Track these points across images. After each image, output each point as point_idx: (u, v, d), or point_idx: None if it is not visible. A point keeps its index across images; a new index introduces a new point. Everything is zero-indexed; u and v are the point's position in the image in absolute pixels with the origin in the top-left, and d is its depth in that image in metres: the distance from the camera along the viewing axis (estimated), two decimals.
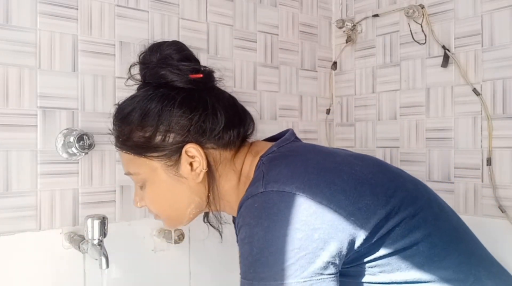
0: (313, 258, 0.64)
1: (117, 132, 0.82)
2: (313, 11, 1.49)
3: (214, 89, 0.84)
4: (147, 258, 1.12)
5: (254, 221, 0.68)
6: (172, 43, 0.83)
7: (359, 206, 0.68)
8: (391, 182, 0.74)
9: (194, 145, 0.77)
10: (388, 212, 0.69)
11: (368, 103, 1.45)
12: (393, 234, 0.69)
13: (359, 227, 0.67)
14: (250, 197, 0.70)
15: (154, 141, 0.78)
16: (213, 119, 0.78)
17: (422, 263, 0.70)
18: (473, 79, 1.21)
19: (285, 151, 0.78)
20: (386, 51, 1.40)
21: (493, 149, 1.17)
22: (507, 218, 1.13)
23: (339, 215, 0.66)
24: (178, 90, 0.79)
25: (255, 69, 1.34)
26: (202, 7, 1.23)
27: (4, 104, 0.95)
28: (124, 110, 0.81)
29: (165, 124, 0.77)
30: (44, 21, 0.99)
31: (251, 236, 0.67)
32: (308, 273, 0.63)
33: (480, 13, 1.19)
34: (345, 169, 0.73)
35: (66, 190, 1.02)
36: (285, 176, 0.70)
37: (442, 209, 0.78)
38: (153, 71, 0.80)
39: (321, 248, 0.64)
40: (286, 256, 0.64)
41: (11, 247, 0.94)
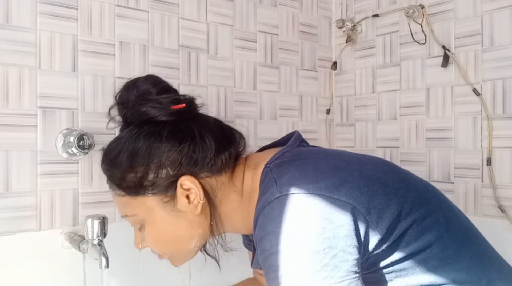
0: (345, 256, 0.63)
1: (109, 176, 0.81)
2: (313, 11, 1.49)
3: (198, 116, 0.82)
4: (147, 258, 1.12)
5: (277, 228, 0.65)
6: (147, 78, 0.81)
7: (373, 204, 0.67)
8: (401, 182, 0.74)
9: (188, 177, 0.76)
10: (400, 213, 0.69)
11: (368, 103, 1.45)
12: (407, 236, 0.69)
13: (373, 225, 0.66)
14: (267, 205, 0.68)
15: (147, 180, 0.76)
16: (203, 147, 0.77)
17: (436, 266, 0.69)
18: (473, 79, 1.21)
19: (291, 156, 0.77)
20: (386, 51, 1.40)
21: (493, 149, 1.17)
22: (507, 218, 1.13)
23: (358, 210, 0.66)
24: (163, 124, 0.77)
25: (255, 69, 1.34)
26: (202, 7, 1.23)
27: (4, 104, 0.95)
28: (111, 153, 0.79)
29: (155, 161, 0.75)
30: (44, 21, 0.99)
31: (277, 244, 0.65)
32: (344, 272, 0.62)
33: (480, 13, 1.19)
34: (356, 167, 0.72)
35: (66, 190, 1.02)
36: (299, 178, 0.69)
37: (452, 210, 0.78)
38: (133, 110, 0.79)
39: (350, 245, 0.64)
40: (318, 257, 0.62)
41: (11, 247, 0.94)
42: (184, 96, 0.81)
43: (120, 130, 0.82)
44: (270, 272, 0.66)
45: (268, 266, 0.67)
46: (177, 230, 0.80)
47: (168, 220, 0.79)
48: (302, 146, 0.84)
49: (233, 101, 1.29)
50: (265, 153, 0.82)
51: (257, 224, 0.70)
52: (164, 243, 0.82)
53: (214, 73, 1.25)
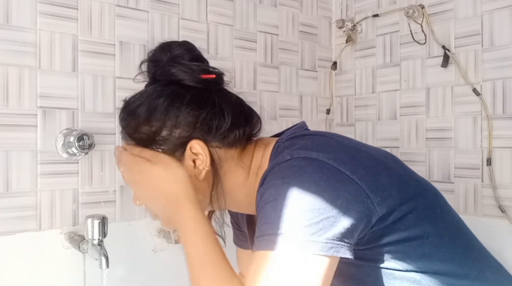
0: (335, 223, 0.64)
1: (124, 125, 0.82)
2: (313, 11, 1.49)
3: (223, 90, 0.85)
4: (147, 258, 1.12)
5: (280, 181, 0.68)
6: (182, 43, 0.84)
7: (378, 184, 0.69)
8: (404, 171, 0.77)
9: (199, 141, 0.77)
10: (402, 197, 0.71)
11: (368, 103, 1.45)
12: (406, 220, 0.70)
13: (376, 203, 0.68)
14: (276, 165, 0.71)
15: (160, 135, 0.78)
16: (220, 118, 0.79)
17: (431, 253, 0.71)
18: (473, 79, 1.21)
19: (303, 133, 0.80)
20: (386, 51, 1.40)
21: (493, 149, 1.17)
22: (507, 218, 1.13)
23: (360, 187, 0.67)
24: (188, 88, 0.80)
25: (255, 69, 1.34)
26: (202, 7, 1.23)
27: (4, 104, 0.95)
28: (132, 104, 0.81)
29: (172, 120, 0.77)
30: (44, 21, 0.99)
31: (277, 194, 0.67)
32: (330, 235, 0.63)
33: (480, 13, 1.19)
34: (364, 149, 0.76)
35: (66, 190, 1.02)
36: (310, 146, 0.72)
37: (446, 204, 0.80)
38: (164, 69, 0.81)
39: (343, 215, 0.65)
40: (311, 214, 0.64)
41: (11, 247, 0.94)
42: (214, 68, 0.84)
43: (145, 86, 0.84)
44: (262, 218, 0.68)
45: (262, 213, 0.68)
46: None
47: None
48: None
49: None
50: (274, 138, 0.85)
51: (264, 182, 0.72)
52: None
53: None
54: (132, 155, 0.80)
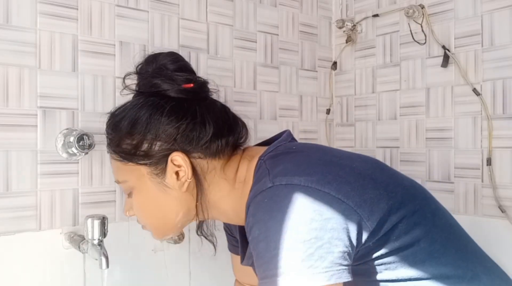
0: (331, 248, 0.64)
1: (109, 139, 0.83)
2: (313, 11, 1.49)
3: (206, 99, 0.84)
4: (147, 258, 1.12)
5: (266, 216, 0.67)
6: (168, 54, 0.84)
7: (364, 198, 0.68)
8: (390, 179, 0.75)
9: (180, 153, 0.77)
10: (390, 207, 0.70)
11: (368, 103, 1.45)
12: (397, 230, 0.70)
13: (365, 218, 0.67)
14: (258, 194, 0.70)
15: (141, 149, 0.78)
16: (201, 128, 0.78)
17: (424, 259, 0.71)
18: (473, 79, 1.21)
19: (284, 149, 0.78)
20: (386, 51, 1.40)
21: (493, 149, 1.17)
22: (507, 218, 1.13)
23: (347, 205, 0.67)
24: (168, 99, 0.79)
25: (255, 69, 1.34)
26: (202, 7, 1.23)
27: (4, 104, 0.95)
28: (116, 118, 0.82)
29: (152, 132, 0.77)
30: (44, 21, 0.99)
31: (266, 231, 0.66)
32: (328, 263, 0.63)
33: (480, 13, 1.19)
34: (347, 163, 0.74)
35: (66, 190, 1.02)
36: (291, 170, 0.70)
37: (437, 207, 0.79)
38: (146, 81, 0.81)
39: (336, 238, 0.64)
40: (304, 246, 0.63)
41: (11, 247, 0.94)
42: (198, 77, 0.83)
43: (132, 98, 0.85)
44: (258, 259, 0.68)
45: (257, 253, 0.68)
46: (162, 203, 0.81)
47: (155, 192, 0.80)
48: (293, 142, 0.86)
49: (233, 101, 1.28)
50: (261, 148, 0.84)
51: (249, 212, 0.71)
52: (148, 213, 0.84)
53: (214, 73, 1.25)
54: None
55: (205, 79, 0.85)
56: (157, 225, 0.85)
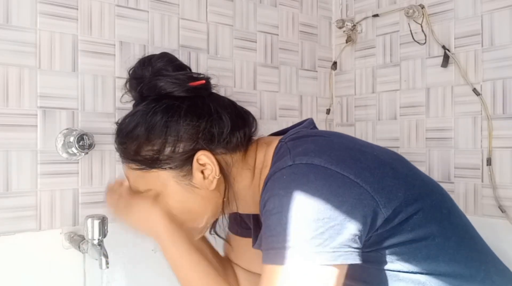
0: (342, 230, 0.64)
1: (123, 149, 0.81)
2: (313, 11, 1.49)
3: (213, 95, 0.84)
4: (147, 258, 1.12)
5: (283, 191, 0.67)
6: (162, 55, 0.82)
7: (383, 185, 0.69)
8: (410, 171, 0.76)
9: (204, 152, 0.77)
10: (407, 198, 0.70)
11: (368, 103, 1.45)
12: (412, 221, 0.70)
13: (381, 205, 0.67)
14: (278, 171, 0.70)
15: (164, 153, 0.77)
16: (220, 123, 0.78)
17: (437, 254, 0.71)
18: (473, 79, 1.21)
19: (306, 133, 0.79)
20: (386, 51, 1.40)
21: (493, 149, 1.17)
22: (507, 218, 1.13)
23: (365, 190, 0.67)
24: (181, 99, 0.78)
25: (255, 69, 1.34)
26: (202, 7, 1.23)
27: (4, 104, 0.95)
28: (128, 126, 0.79)
29: (173, 135, 0.76)
30: (44, 21, 0.99)
31: (280, 205, 0.66)
32: (337, 244, 0.63)
33: (480, 13, 1.19)
34: (368, 150, 0.75)
35: (66, 190, 1.02)
36: (313, 150, 0.70)
37: (453, 205, 0.80)
38: (150, 84, 0.79)
39: (349, 221, 0.64)
40: (316, 224, 0.63)
41: (11, 247, 0.94)
42: (200, 74, 0.83)
43: (134, 106, 0.83)
44: (267, 231, 0.68)
45: (267, 225, 0.68)
46: (190, 205, 0.80)
47: (183, 194, 0.79)
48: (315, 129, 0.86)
49: None
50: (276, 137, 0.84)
51: (266, 187, 0.71)
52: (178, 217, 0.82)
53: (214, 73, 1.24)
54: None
55: (207, 75, 0.84)
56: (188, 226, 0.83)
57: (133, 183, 0.83)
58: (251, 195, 0.82)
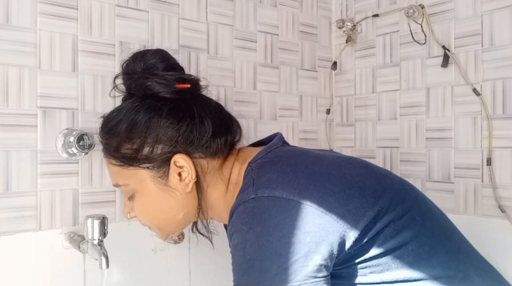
0: (306, 262, 0.64)
1: (105, 144, 0.82)
2: (313, 11, 1.49)
3: (200, 97, 0.84)
4: (147, 258, 1.12)
5: (246, 227, 0.67)
6: (156, 52, 0.83)
7: (349, 208, 0.68)
8: (379, 184, 0.75)
9: (182, 155, 0.77)
10: (377, 213, 0.70)
11: (368, 103, 1.45)
12: (383, 234, 0.70)
13: (348, 229, 0.67)
14: (242, 203, 0.70)
15: (142, 153, 0.78)
16: (201, 128, 0.78)
17: (412, 262, 0.71)
18: (473, 79, 1.21)
19: (273, 157, 0.78)
20: (386, 51, 1.40)
21: (493, 149, 1.17)
22: (507, 218, 1.13)
23: (330, 218, 0.67)
24: (165, 101, 0.79)
25: (255, 69, 1.34)
26: (202, 7, 1.23)
27: (4, 104, 0.95)
28: (111, 122, 0.81)
29: (152, 136, 0.77)
30: (44, 21, 0.99)
31: (244, 242, 0.67)
32: (302, 277, 0.63)
33: (480, 13, 1.19)
34: (334, 172, 0.73)
35: (66, 190, 1.02)
36: (275, 181, 0.70)
37: (428, 208, 0.79)
38: (138, 82, 0.80)
39: (313, 252, 0.65)
40: (279, 260, 0.64)
41: (11, 247, 0.94)
42: (190, 76, 0.83)
43: (122, 100, 0.84)
44: (234, 267, 0.69)
45: (234, 261, 0.69)
46: (164, 205, 0.81)
47: (158, 194, 0.80)
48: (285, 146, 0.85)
49: (233, 101, 1.29)
50: (254, 150, 0.83)
51: (231, 219, 0.72)
52: (151, 215, 0.84)
53: (214, 73, 1.25)
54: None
55: (196, 77, 0.84)
56: (160, 226, 0.85)
57: (113, 177, 0.85)
58: (224, 206, 0.82)
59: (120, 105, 0.83)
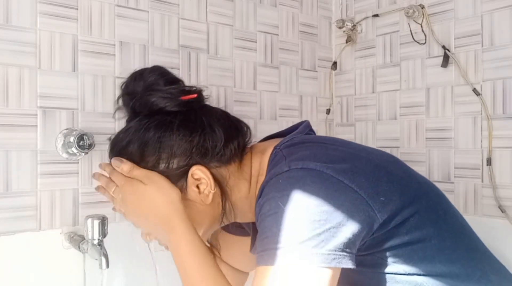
0: (337, 233, 0.64)
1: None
2: (313, 11, 1.49)
3: (206, 107, 0.83)
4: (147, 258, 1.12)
5: (279, 194, 0.67)
6: (154, 69, 0.82)
7: (378, 190, 0.69)
8: (405, 173, 0.76)
9: (199, 167, 0.76)
10: (403, 201, 0.70)
11: (368, 103, 1.45)
12: (407, 224, 0.70)
13: (376, 210, 0.67)
14: (274, 176, 0.70)
15: (158, 169, 0.76)
16: (213, 137, 0.77)
17: (433, 256, 0.71)
18: (473, 79, 1.21)
19: (301, 140, 0.78)
20: (386, 51, 1.40)
21: (493, 149, 1.17)
22: (507, 218, 1.13)
23: (360, 195, 0.67)
24: (174, 114, 0.78)
25: (255, 69, 1.34)
26: (202, 7, 1.23)
27: (4, 104, 0.95)
28: (121, 143, 0.79)
29: (167, 151, 0.76)
30: (44, 21, 0.99)
31: (276, 207, 0.66)
32: (332, 246, 0.63)
33: (480, 13, 1.19)
34: (363, 154, 0.74)
35: (66, 190, 1.02)
36: (308, 156, 0.71)
37: (449, 206, 0.80)
38: (142, 101, 0.79)
39: (344, 225, 0.64)
40: (312, 225, 0.63)
41: (11, 247, 0.94)
42: (192, 87, 0.82)
43: (127, 121, 0.83)
44: (262, 233, 0.67)
45: (262, 227, 0.68)
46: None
47: None
48: (310, 134, 0.86)
49: (233, 101, 1.29)
50: (272, 141, 0.83)
51: (262, 193, 0.71)
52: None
53: (214, 73, 1.25)
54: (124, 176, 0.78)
55: (199, 87, 0.83)
56: None
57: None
58: (248, 204, 0.82)
59: (126, 125, 0.81)
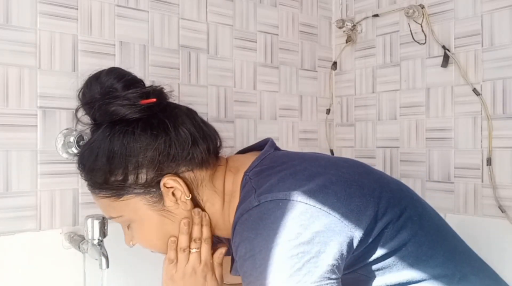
0: (318, 262, 0.63)
1: (89, 180, 0.79)
2: (313, 11, 1.49)
3: (169, 107, 0.80)
4: (147, 258, 1.12)
5: (252, 234, 0.66)
6: (110, 71, 0.78)
7: (351, 207, 0.68)
8: (376, 183, 0.74)
9: (169, 176, 0.75)
10: (376, 213, 0.69)
11: (368, 103, 1.45)
12: (384, 236, 0.69)
13: (353, 228, 0.67)
14: (245, 212, 0.69)
15: (128, 182, 0.75)
16: (179, 140, 0.75)
17: (412, 263, 0.70)
18: (473, 79, 1.21)
19: (269, 163, 0.76)
20: (386, 51, 1.40)
21: (493, 149, 1.17)
22: (507, 218, 1.13)
23: (334, 217, 0.66)
24: (135, 122, 0.75)
25: (255, 69, 1.34)
26: (202, 7, 1.23)
27: (4, 104, 0.95)
28: (89, 157, 0.77)
29: (133, 162, 0.74)
30: (44, 21, 0.99)
31: (252, 249, 0.65)
32: (316, 277, 0.62)
33: (480, 13, 1.19)
34: (333, 172, 0.73)
35: (66, 190, 1.02)
36: (276, 185, 0.69)
37: (424, 209, 0.79)
38: (101, 110, 0.76)
39: (323, 252, 0.64)
40: (291, 262, 0.62)
41: (11, 247, 0.94)
42: (151, 87, 0.78)
43: (91, 131, 0.80)
44: (245, 277, 0.66)
45: (243, 271, 0.67)
46: (167, 229, 0.80)
47: (158, 219, 0.78)
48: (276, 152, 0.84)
49: (233, 101, 1.29)
50: (245, 157, 0.82)
51: (235, 231, 0.70)
52: (153, 241, 0.82)
53: (214, 73, 1.25)
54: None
55: (159, 86, 0.80)
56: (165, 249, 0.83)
57: (105, 211, 0.82)
58: (222, 222, 0.81)
59: (91, 138, 0.79)
